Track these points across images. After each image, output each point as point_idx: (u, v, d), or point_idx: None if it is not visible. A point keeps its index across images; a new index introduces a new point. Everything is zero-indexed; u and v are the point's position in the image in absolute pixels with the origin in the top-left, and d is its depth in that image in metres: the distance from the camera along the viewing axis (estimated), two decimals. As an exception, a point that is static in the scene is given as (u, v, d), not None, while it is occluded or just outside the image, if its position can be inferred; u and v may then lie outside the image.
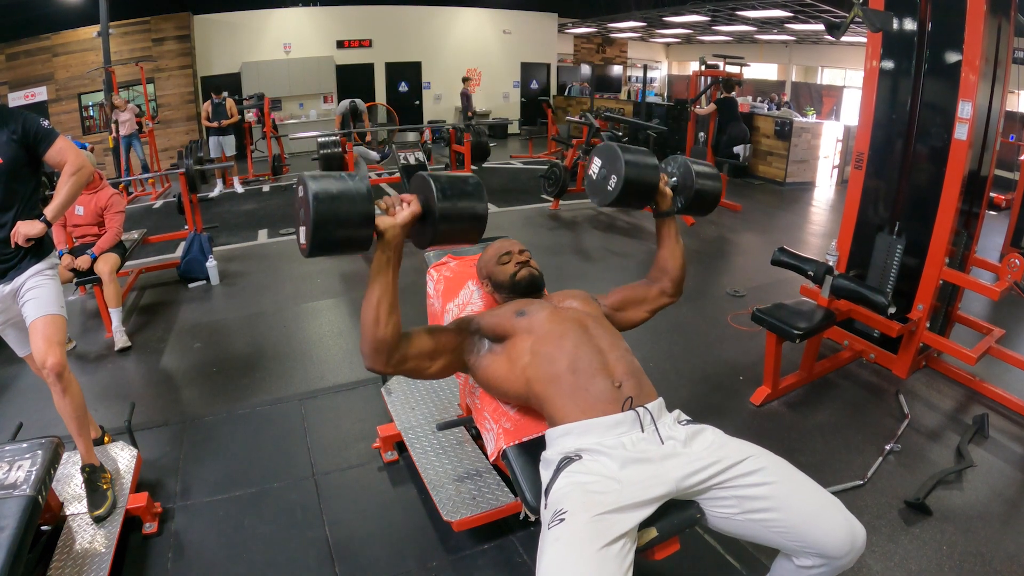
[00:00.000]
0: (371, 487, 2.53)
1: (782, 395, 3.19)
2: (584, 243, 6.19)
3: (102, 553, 2.03)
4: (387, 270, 1.53)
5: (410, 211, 1.53)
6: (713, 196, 2.05)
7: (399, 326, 1.58)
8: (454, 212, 1.52)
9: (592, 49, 18.79)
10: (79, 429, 2.22)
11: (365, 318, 1.55)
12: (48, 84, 10.33)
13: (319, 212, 1.34)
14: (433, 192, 1.50)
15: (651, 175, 1.85)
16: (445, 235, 1.55)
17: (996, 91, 3.11)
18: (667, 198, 1.96)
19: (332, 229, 1.37)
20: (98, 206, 4.07)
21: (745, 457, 1.49)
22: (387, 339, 1.56)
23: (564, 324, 1.75)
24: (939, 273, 3.13)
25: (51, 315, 2.19)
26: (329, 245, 1.40)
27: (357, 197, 1.39)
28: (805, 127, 9.00)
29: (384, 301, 1.54)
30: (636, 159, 1.82)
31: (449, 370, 1.79)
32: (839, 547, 1.39)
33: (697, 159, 2.08)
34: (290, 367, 3.58)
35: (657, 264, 2.03)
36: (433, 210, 1.50)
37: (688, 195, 1.99)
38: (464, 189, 1.55)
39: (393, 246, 1.51)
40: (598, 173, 1.89)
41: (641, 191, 1.86)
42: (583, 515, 1.35)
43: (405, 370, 1.67)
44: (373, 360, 1.60)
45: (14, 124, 2.14)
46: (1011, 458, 2.72)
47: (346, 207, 1.37)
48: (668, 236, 2.00)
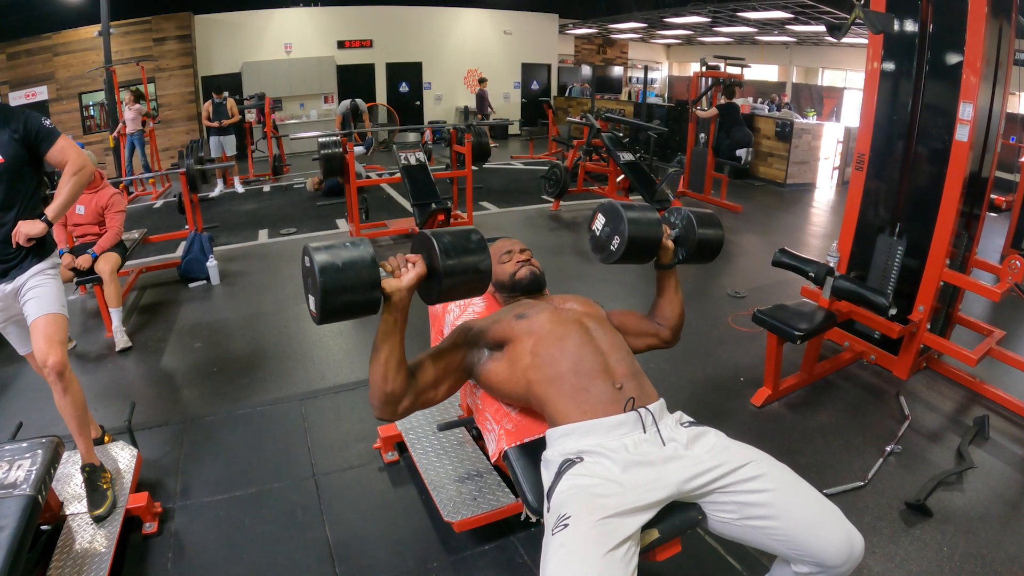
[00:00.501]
0: (372, 487, 2.53)
1: (783, 396, 3.19)
2: (584, 244, 6.14)
3: (102, 553, 2.02)
4: (395, 330, 1.54)
5: (415, 273, 1.53)
6: (715, 245, 2.02)
7: (407, 378, 1.60)
8: (458, 269, 1.53)
9: (593, 50, 18.79)
10: (79, 429, 2.22)
11: (374, 376, 1.57)
12: (49, 83, 10.33)
13: (327, 284, 1.37)
14: (436, 252, 1.51)
15: (654, 231, 1.84)
16: (450, 291, 1.57)
17: (997, 93, 3.11)
18: (669, 251, 1.93)
19: (340, 297, 1.40)
20: (99, 205, 4.07)
21: (746, 462, 1.49)
22: (396, 392, 1.58)
23: (565, 325, 1.74)
24: (940, 275, 3.13)
25: (52, 314, 2.19)
26: (338, 312, 1.43)
27: (361, 265, 1.42)
28: (806, 128, 9.00)
29: (392, 360, 1.55)
30: (639, 217, 1.81)
31: (456, 388, 1.80)
32: (836, 556, 1.39)
33: (698, 209, 2.06)
34: (290, 367, 3.58)
35: (656, 312, 2.01)
36: (437, 269, 1.52)
37: (690, 247, 1.98)
38: (467, 247, 1.56)
39: (400, 308, 1.52)
40: (601, 230, 1.89)
41: (644, 249, 1.85)
42: (587, 520, 1.35)
43: (415, 409, 1.68)
44: (382, 412, 1.62)
45: (15, 123, 2.13)
46: (1012, 460, 2.72)
47: (351, 276, 1.40)
48: (668, 288, 1.98)
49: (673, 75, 21.50)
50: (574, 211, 7.33)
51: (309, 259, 1.41)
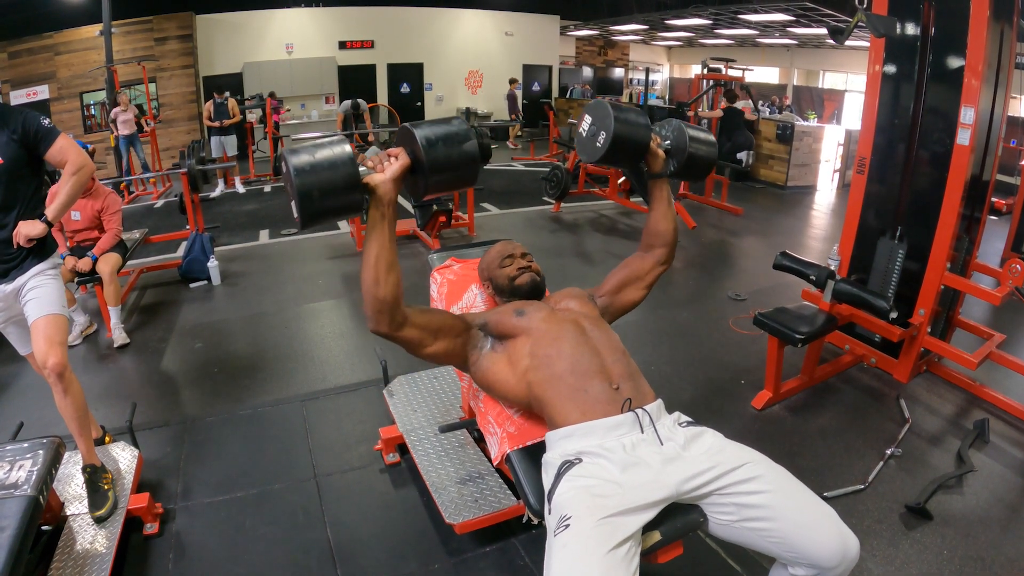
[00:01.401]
0: (373, 489, 2.54)
1: (783, 399, 3.19)
2: (585, 245, 6.20)
3: (103, 553, 2.02)
4: (382, 226, 1.51)
5: (399, 164, 1.51)
6: (707, 160, 2.02)
7: (399, 285, 1.57)
8: (443, 158, 1.49)
9: (594, 51, 18.81)
10: (80, 429, 2.22)
11: (365, 279, 1.54)
12: (50, 82, 10.35)
13: (303, 185, 1.33)
14: (418, 142, 1.47)
15: (641, 134, 1.83)
16: (439, 184, 1.53)
17: (998, 96, 3.11)
18: (659, 159, 1.94)
19: (319, 199, 1.36)
20: (94, 209, 4.06)
21: (742, 463, 1.49)
22: (387, 298, 1.55)
23: (561, 325, 1.75)
24: (940, 278, 3.13)
25: (52, 315, 2.19)
26: (320, 214, 1.39)
27: (339, 162, 1.38)
28: (807, 131, 9.00)
29: (382, 259, 1.52)
30: (627, 117, 1.79)
31: (448, 357, 1.78)
32: (830, 558, 1.39)
33: (693, 125, 2.05)
34: (291, 368, 3.58)
35: (649, 228, 2.01)
36: (421, 160, 1.48)
37: (681, 158, 1.97)
38: (449, 133, 1.51)
39: (386, 202, 1.50)
40: (587, 130, 1.86)
41: (630, 149, 1.83)
42: (588, 519, 1.35)
43: (406, 337, 1.64)
44: (376, 322, 1.58)
45: (14, 124, 2.13)
46: (1012, 463, 2.72)
47: (329, 174, 1.36)
48: (660, 199, 1.98)
49: (674, 77, 21.53)
50: (575, 213, 7.33)
51: (285, 163, 1.36)
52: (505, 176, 9.85)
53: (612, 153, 1.79)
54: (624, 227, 6.78)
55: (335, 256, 5.75)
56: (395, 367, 2.96)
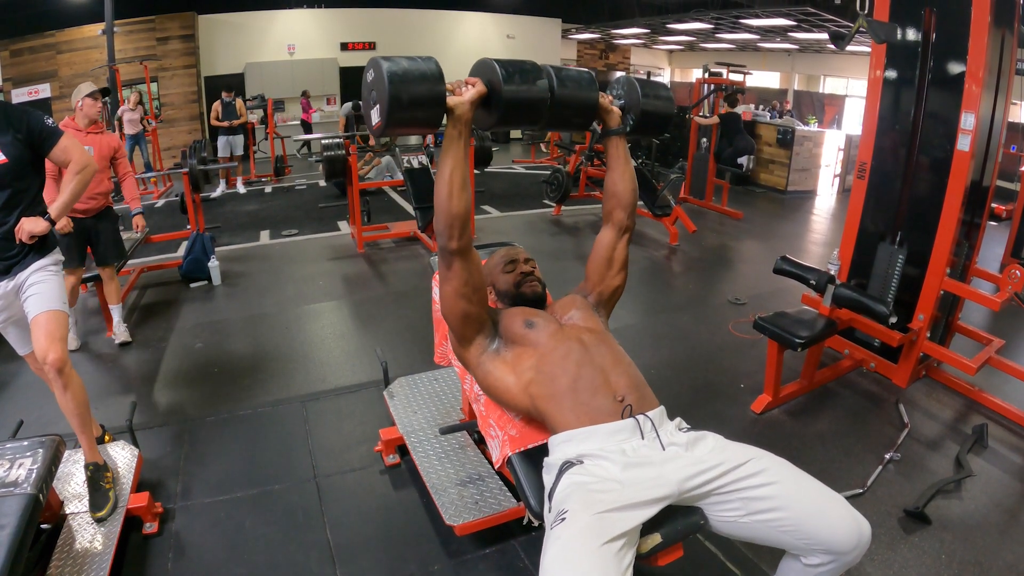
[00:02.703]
0: (373, 490, 2.54)
1: (783, 403, 3.19)
2: (586, 249, 6.15)
3: (102, 552, 2.03)
4: (459, 143, 1.62)
5: (476, 91, 1.64)
6: (664, 114, 2.00)
7: (468, 203, 1.66)
8: (516, 93, 1.61)
9: (595, 55, 18.83)
10: (82, 426, 2.22)
11: (439, 194, 1.63)
12: (52, 81, 10.35)
13: (395, 91, 1.43)
14: (496, 73, 1.59)
15: (586, 92, 1.82)
16: (508, 115, 1.64)
17: (998, 102, 3.12)
18: (614, 115, 1.93)
19: (407, 107, 1.46)
20: (110, 147, 3.93)
21: (747, 460, 1.50)
22: (460, 212, 1.64)
23: (568, 343, 1.75)
24: (940, 283, 3.14)
25: (53, 311, 2.19)
26: (403, 122, 1.49)
27: (429, 75, 1.48)
28: (807, 136, 9.01)
29: (457, 174, 1.62)
30: (567, 75, 1.78)
31: (469, 325, 1.80)
32: (846, 542, 1.40)
33: (647, 80, 2.04)
34: (292, 369, 3.58)
35: (608, 191, 2.00)
36: (497, 90, 1.60)
37: (636, 113, 1.97)
38: (523, 69, 1.64)
39: (464, 121, 1.61)
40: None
41: (578, 108, 1.83)
42: (584, 513, 1.37)
43: (463, 268, 1.71)
44: (448, 235, 1.66)
45: (18, 123, 2.13)
46: (1010, 468, 2.73)
47: (419, 85, 1.46)
48: (617, 156, 1.96)
49: (675, 81, 21.56)
50: (575, 216, 7.34)
51: (377, 69, 1.47)
52: (506, 179, 9.86)
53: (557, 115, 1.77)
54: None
55: (336, 257, 5.75)
56: (395, 369, 2.96)
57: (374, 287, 4.95)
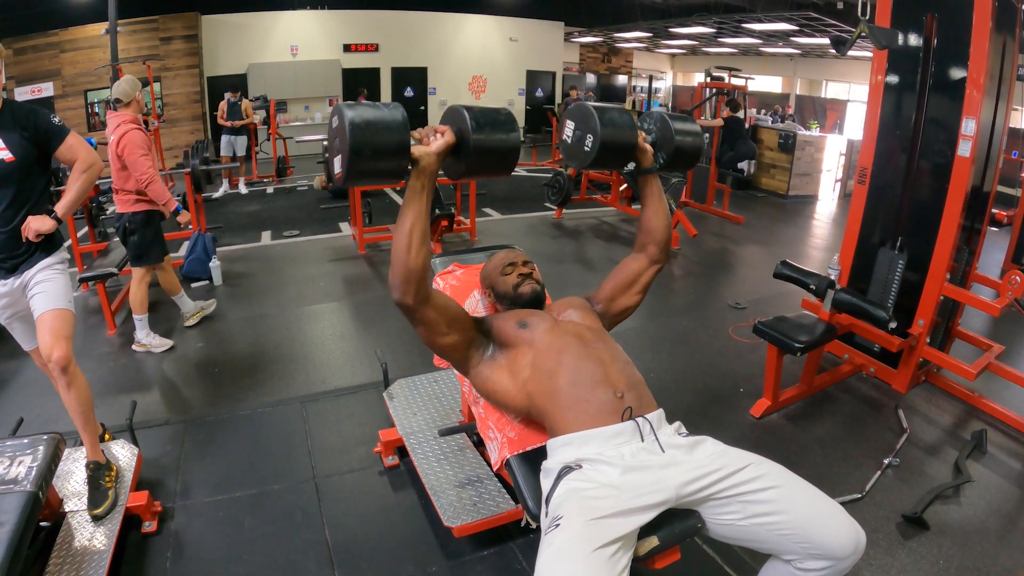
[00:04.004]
0: (372, 491, 2.54)
1: (782, 407, 3.19)
2: (587, 252, 6.21)
3: (101, 551, 2.03)
4: (421, 197, 1.53)
5: (444, 140, 1.54)
6: (694, 150, 2.00)
7: (428, 258, 1.58)
8: (487, 143, 1.53)
9: (598, 58, 18.87)
10: (84, 424, 2.22)
11: (397, 246, 1.54)
12: (55, 80, 10.37)
13: (356, 140, 1.35)
14: (467, 122, 1.51)
15: (628, 133, 1.81)
16: (478, 165, 1.56)
17: (1000, 108, 3.14)
18: (647, 154, 1.91)
19: (369, 157, 1.38)
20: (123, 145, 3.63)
21: (745, 465, 1.51)
22: (417, 268, 1.55)
23: (564, 338, 1.75)
24: (940, 289, 3.14)
25: (59, 309, 2.20)
26: (365, 173, 1.41)
27: (394, 126, 1.40)
28: (809, 140, 9.03)
29: (417, 228, 1.53)
30: (611, 117, 1.77)
31: (455, 350, 1.77)
32: (844, 547, 1.40)
33: (675, 114, 2.03)
34: (292, 369, 3.58)
35: (642, 227, 1.99)
36: (467, 139, 1.51)
37: (669, 150, 1.95)
38: (496, 119, 1.56)
39: (428, 173, 1.52)
40: (572, 135, 1.84)
41: (619, 149, 1.82)
42: (578, 520, 1.37)
43: (426, 317, 1.65)
44: (402, 291, 1.57)
45: (26, 121, 2.14)
46: (1009, 474, 2.73)
47: (383, 136, 1.38)
48: (652, 195, 1.96)
49: (677, 85, 21.58)
50: (576, 219, 7.35)
51: (340, 117, 1.38)
52: (507, 182, 9.85)
53: (602, 156, 1.78)
54: (626, 234, 6.79)
55: (337, 259, 5.76)
56: (395, 370, 2.96)
57: (375, 288, 4.95)
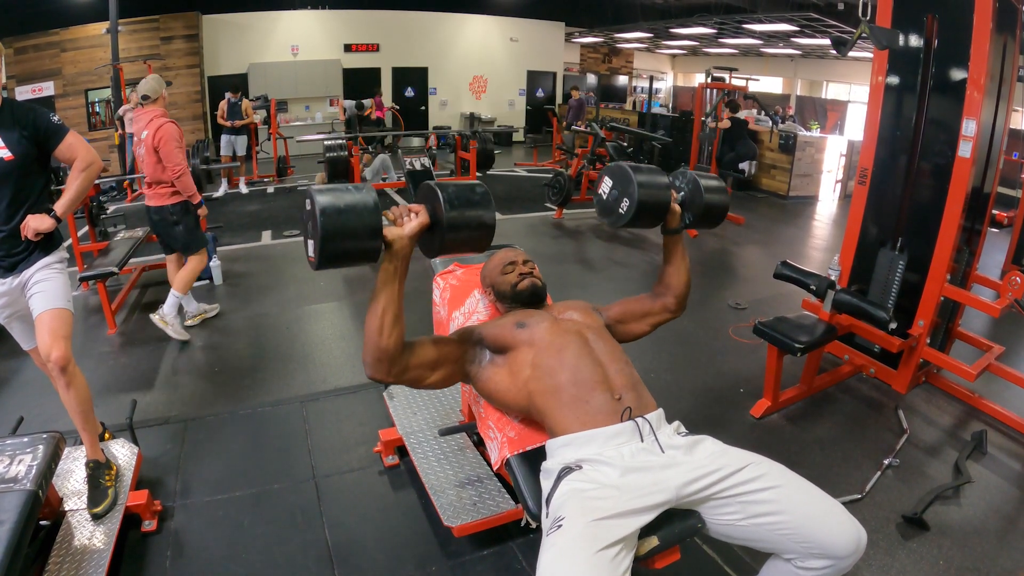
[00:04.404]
0: (372, 491, 2.54)
1: (782, 408, 3.19)
2: (587, 253, 6.21)
3: (101, 550, 2.03)
4: (394, 281, 1.52)
5: (418, 222, 1.53)
6: (721, 210, 2.02)
7: (402, 336, 1.58)
8: (461, 221, 1.51)
9: (598, 59, 18.87)
10: (84, 423, 2.22)
11: (369, 327, 1.54)
12: (55, 79, 10.37)
13: (327, 226, 1.34)
14: (440, 202, 1.49)
15: (663, 196, 1.82)
16: (453, 244, 1.54)
17: (1000, 109, 3.13)
18: (676, 215, 1.92)
19: (340, 242, 1.36)
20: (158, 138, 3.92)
21: (746, 464, 1.51)
22: (390, 349, 1.56)
23: (564, 336, 1.75)
24: (940, 289, 3.14)
25: (58, 309, 2.19)
26: (338, 258, 1.39)
27: (364, 210, 1.38)
28: (809, 141, 9.03)
29: (389, 311, 1.53)
30: (648, 180, 1.78)
31: (450, 380, 1.78)
32: (846, 546, 1.40)
33: (704, 172, 2.05)
34: (292, 369, 3.58)
35: (662, 280, 2.01)
36: (441, 220, 1.49)
37: (697, 211, 1.96)
38: (471, 198, 1.54)
39: (401, 257, 1.51)
40: (609, 194, 1.85)
41: (654, 212, 1.83)
42: (580, 521, 1.37)
43: (406, 380, 1.66)
44: (375, 369, 1.59)
45: (26, 120, 2.14)
46: (1009, 475, 2.73)
47: (354, 220, 1.37)
48: (675, 253, 1.98)
49: (678, 85, 21.58)
50: (577, 220, 7.35)
51: (311, 201, 1.37)
52: (507, 182, 9.87)
53: (636, 219, 1.79)
54: (626, 234, 6.78)
55: (337, 258, 5.74)
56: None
57: (375, 288, 4.93)
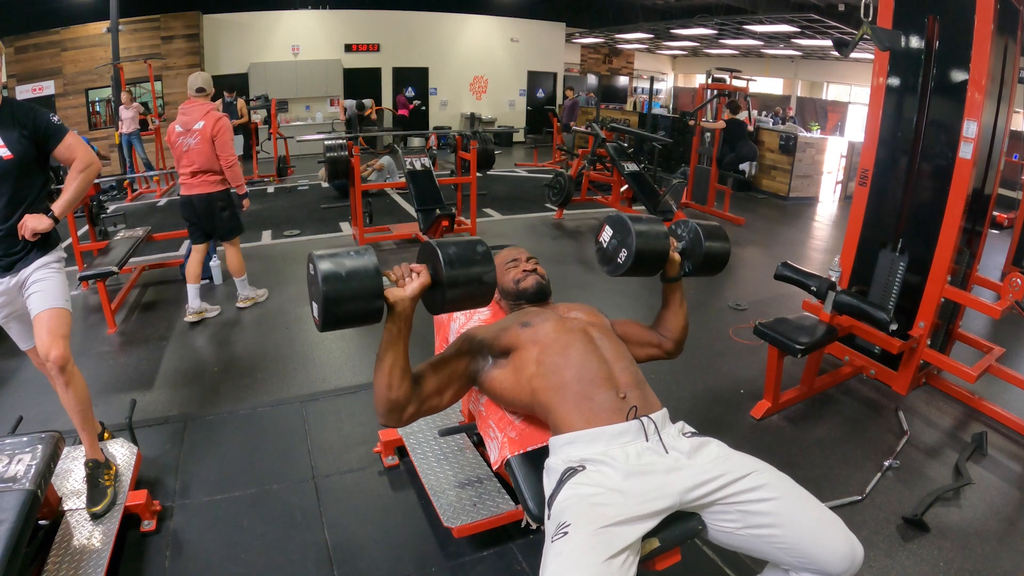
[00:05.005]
0: (371, 491, 2.54)
1: (782, 409, 3.19)
2: (587, 253, 6.20)
3: (99, 550, 2.02)
4: (398, 341, 1.54)
5: (419, 283, 1.54)
6: (721, 259, 2.03)
7: (411, 386, 1.60)
8: (463, 280, 1.53)
9: (599, 59, 18.89)
10: (83, 423, 2.22)
11: (378, 384, 1.57)
12: (56, 78, 10.38)
13: (329, 292, 1.38)
14: (441, 263, 1.52)
15: (661, 246, 1.85)
16: (454, 302, 1.57)
17: (1001, 110, 3.13)
18: (675, 264, 1.93)
19: (343, 306, 1.40)
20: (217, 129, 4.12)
21: (748, 472, 1.50)
22: (400, 400, 1.58)
23: (570, 334, 1.75)
24: (941, 291, 3.14)
25: (56, 308, 2.19)
26: (341, 321, 1.43)
27: (366, 275, 1.41)
28: (809, 142, 9.02)
29: (396, 368, 1.55)
30: (647, 230, 1.81)
31: (460, 395, 1.79)
32: (839, 564, 1.39)
33: (705, 221, 2.06)
34: (292, 369, 3.58)
35: (660, 323, 2.02)
36: (442, 279, 1.52)
37: (697, 260, 1.98)
38: (472, 258, 1.56)
39: (404, 318, 1.53)
40: (608, 242, 1.89)
41: (651, 262, 1.86)
42: (586, 528, 1.35)
43: (421, 416, 1.68)
44: (387, 420, 1.62)
45: (25, 120, 2.14)
46: (1009, 476, 2.73)
47: (355, 285, 1.40)
48: (673, 301, 2.00)
49: (678, 86, 21.60)
50: (577, 220, 7.35)
51: (313, 267, 1.41)
52: (508, 182, 9.87)
53: (634, 269, 1.82)
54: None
55: (337, 258, 5.74)
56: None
57: (375, 288, 4.92)
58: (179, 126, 4.16)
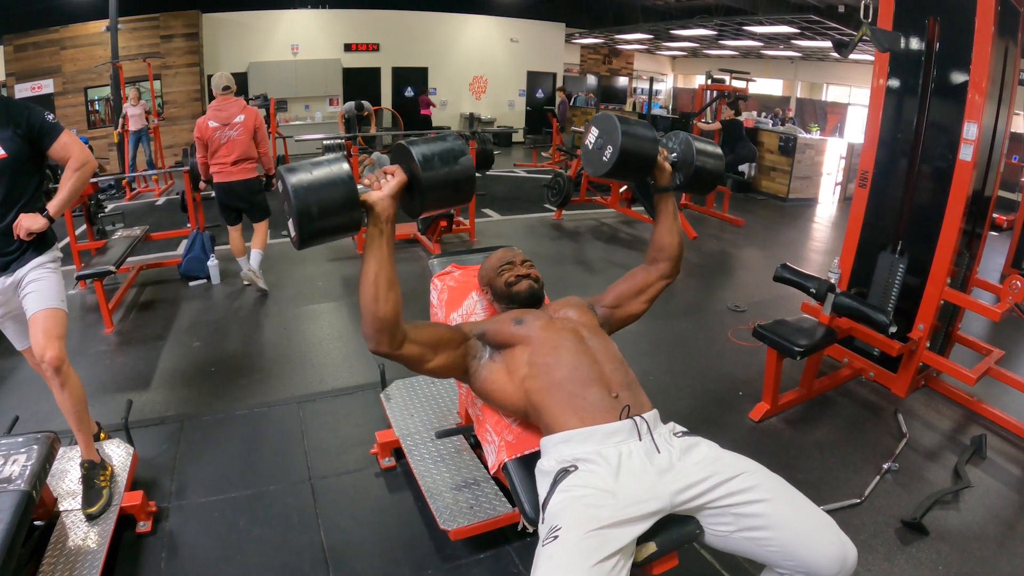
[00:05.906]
0: (368, 493, 2.52)
1: (781, 411, 3.18)
2: (586, 254, 6.20)
3: (95, 550, 2.01)
4: (380, 243, 1.50)
5: (396, 181, 1.50)
6: (714, 174, 2.00)
7: (399, 303, 1.55)
8: (439, 176, 1.49)
9: (599, 60, 18.89)
10: (79, 424, 2.21)
11: (364, 296, 1.52)
12: (55, 77, 10.37)
13: (302, 205, 1.33)
14: (415, 159, 1.47)
15: (649, 147, 1.80)
16: (435, 201, 1.52)
17: (1001, 112, 3.13)
18: (666, 173, 1.91)
19: (318, 218, 1.35)
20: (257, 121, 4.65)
21: (739, 473, 1.49)
22: (388, 316, 1.53)
23: (560, 334, 1.75)
24: (940, 293, 3.13)
25: (52, 309, 2.18)
26: (319, 234, 1.38)
27: (338, 180, 1.36)
28: (809, 143, 9.02)
29: (382, 276, 1.51)
30: (634, 130, 1.77)
31: (450, 370, 1.77)
32: (829, 567, 1.38)
33: (701, 138, 2.03)
34: (289, 369, 3.57)
35: (654, 243, 1.99)
36: (418, 177, 1.47)
37: (688, 172, 1.94)
38: (444, 150, 1.51)
39: (384, 218, 1.49)
40: (594, 143, 1.83)
41: (637, 164, 1.81)
42: (577, 531, 1.35)
43: (408, 355, 1.63)
44: (376, 341, 1.56)
45: (20, 118, 2.12)
46: (1008, 479, 2.72)
47: (328, 192, 1.35)
48: (666, 212, 1.96)
49: (678, 87, 21.60)
50: (576, 221, 7.34)
51: (282, 182, 1.35)
52: (507, 182, 9.86)
53: (619, 168, 1.77)
54: (625, 236, 6.78)
55: (335, 258, 5.74)
56: (393, 371, 2.94)
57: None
58: (213, 121, 4.55)
